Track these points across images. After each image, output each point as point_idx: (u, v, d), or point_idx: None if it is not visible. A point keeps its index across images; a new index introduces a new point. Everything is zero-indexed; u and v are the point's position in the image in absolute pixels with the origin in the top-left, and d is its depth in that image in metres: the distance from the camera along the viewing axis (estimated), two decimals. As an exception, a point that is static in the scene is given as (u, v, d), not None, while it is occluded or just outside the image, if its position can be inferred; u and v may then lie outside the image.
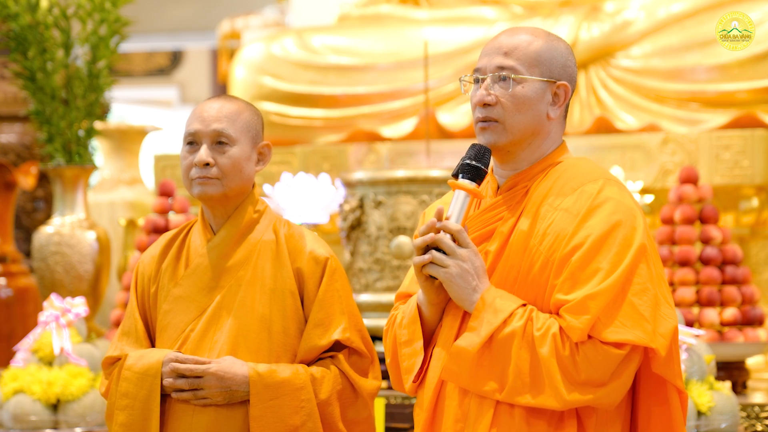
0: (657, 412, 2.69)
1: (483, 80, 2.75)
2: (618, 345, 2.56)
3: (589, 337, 2.56)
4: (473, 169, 2.70)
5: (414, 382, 2.77)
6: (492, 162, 2.80)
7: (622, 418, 2.69)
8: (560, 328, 2.57)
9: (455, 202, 2.69)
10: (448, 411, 2.70)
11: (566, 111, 2.83)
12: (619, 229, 2.62)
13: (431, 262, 2.65)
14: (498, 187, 2.79)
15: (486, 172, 2.71)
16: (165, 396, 3.04)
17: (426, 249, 2.68)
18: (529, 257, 2.67)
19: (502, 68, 2.73)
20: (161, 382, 3.01)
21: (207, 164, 3.05)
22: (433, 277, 2.67)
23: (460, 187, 2.70)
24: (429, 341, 2.78)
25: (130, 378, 3.05)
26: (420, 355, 2.75)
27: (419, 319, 2.76)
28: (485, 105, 2.73)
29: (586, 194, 2.66)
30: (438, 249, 2.65)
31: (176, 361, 3.00)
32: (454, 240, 2.65)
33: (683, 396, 2.71)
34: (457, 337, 2.68)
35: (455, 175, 2.73)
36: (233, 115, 3.09)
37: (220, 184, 3.06)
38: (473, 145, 2.73)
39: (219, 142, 3.07)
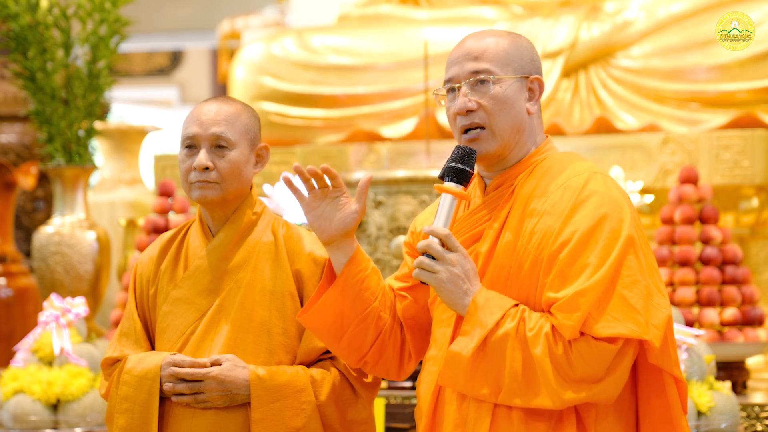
0: (655, 404, 2.67)
1: (458, 89, 2.73)
2: (611, 340, 2.55)
3: (582, 333, 2.55)
4: (459, 172, 2.68)
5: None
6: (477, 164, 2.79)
7: (623, 411, 2.67)
8: (552, 326, 2.56)
9: (442, 206, 2.68)
10: (447, 416, 2.69)
11: (540, 105, 2.82)
12: (605, 222, 2.60)
13: (421, 268, 2.63)
14: (485, 187, 2.78)
15: (472, 174, 2.69)
16: (165, 399, 3.04)
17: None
18: (518, 257, 2.65)
19: (476, 72, 2.72)
20: (160, 386, 3.01)
21: (206, 168, 3.04)
22: (423, 282, 2.66)
23: (446, 190, 2.68)
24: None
25: (129, 382, 3.05)
26: None
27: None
28: (468, 112, 2.71)
29: (571, 189, 2.65)
30: (428, 255, 2.63)
31: (174, 364, 3.00)
32: (442, 245, 2.63)
33: (681, 385, 2.69)
34: (451, 342, 2.67)
35: (441, 178, 2.71)
36: (232, 118, 3.08)
37: (219, 187, 3.06)
38: (458, 147, 2.71)
39: (218, 145, 3.06)
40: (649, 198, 6.01)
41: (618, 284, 2.57)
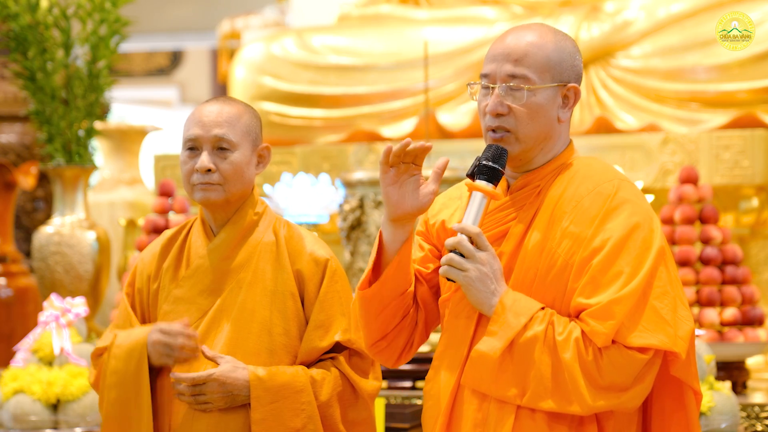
0: (675, 417, 2.68)
1: (493, 88, 2.69)
2: (642, 350, 2.55)
3: (613, 341, 2.55)
4: (490, 171, 2.65)
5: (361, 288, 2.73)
6: None
7: (637, 420, 2.68)
8: (582, 332, 2.55)
9: (472, 204, 2.65)
10: (466, 416, 2.67)
11: (571, 112, 2.80)
12: (638, 232, 2.60)
13: (450, 265, 2.61)
14: (508, 187, 2.76)
15: (503, 174, 2.67)
16: (166, 400, 3.04)
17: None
18: (547, 259, 2.63)
19: (513, 77, 2.67)
20: (149, 357, 3.01)
21: (209, 170, 3.04)
22: (450, 280, 2.64)
23: (477, 188, 2.65)
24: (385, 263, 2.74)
25: (119, 355, 3.05)
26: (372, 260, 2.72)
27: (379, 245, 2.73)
28: (498, 115, 2.68)
29: (603, 196, 2.64)
30: (456, 252, 2.61)
31: (162, 331, 2.99)
32: (472, 242, 2.61)
33: (699, 397, 2.70)
34: (472, 341, 2.66)
35: (470, 176, 2.68)
36: (233, 119, 3.08)
37: (222, 189, 3.06)
38: (490, 146, 2.68)
39: (220, 147, 3.06)
40: (649, 198, 6.01)
41: (650, 295, 2.57)
